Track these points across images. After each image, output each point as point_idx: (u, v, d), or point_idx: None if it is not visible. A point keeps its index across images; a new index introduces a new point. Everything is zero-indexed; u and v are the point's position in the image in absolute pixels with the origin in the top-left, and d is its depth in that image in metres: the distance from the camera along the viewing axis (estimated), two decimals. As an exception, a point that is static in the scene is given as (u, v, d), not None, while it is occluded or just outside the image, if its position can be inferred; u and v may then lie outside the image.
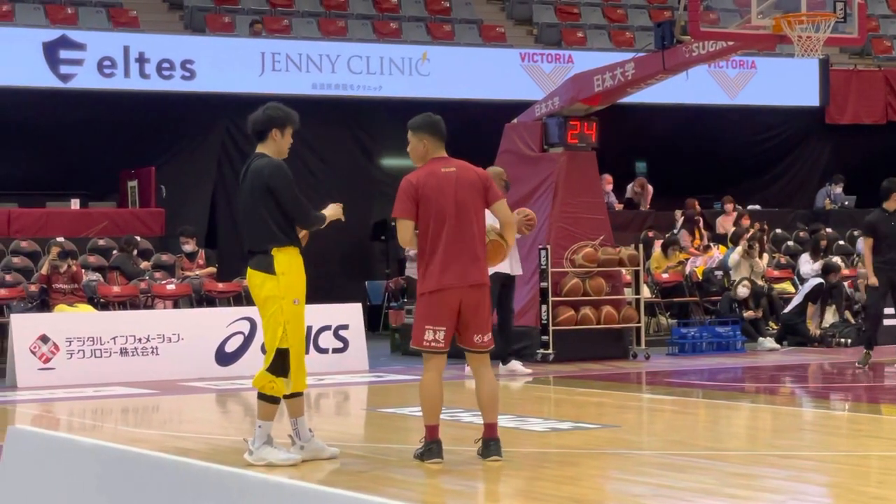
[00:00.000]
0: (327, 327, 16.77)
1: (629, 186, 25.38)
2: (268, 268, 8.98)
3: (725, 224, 23.89)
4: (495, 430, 9.04)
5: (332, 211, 9.33)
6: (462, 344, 9.05)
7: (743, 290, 19.87)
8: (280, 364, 9.00)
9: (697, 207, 24.02)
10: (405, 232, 8.99)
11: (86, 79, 21.99)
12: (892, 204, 15.91)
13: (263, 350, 9.57)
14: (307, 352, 16.26)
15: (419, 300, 9.07)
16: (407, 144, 9.17)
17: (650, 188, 25.33)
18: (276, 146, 9.15)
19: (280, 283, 8.96)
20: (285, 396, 9.15)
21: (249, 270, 9.12)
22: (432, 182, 8.95)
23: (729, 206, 24.25)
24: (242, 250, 9.33)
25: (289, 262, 9.01)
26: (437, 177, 8.97)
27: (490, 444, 9.00)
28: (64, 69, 21.88)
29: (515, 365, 15.86)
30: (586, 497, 8.02)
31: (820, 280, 20.06)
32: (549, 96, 18.57)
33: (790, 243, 23.91)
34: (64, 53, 21.90)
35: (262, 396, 9.07)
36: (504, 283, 15.56)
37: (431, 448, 8.94)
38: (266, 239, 9.00)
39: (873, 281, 15.84)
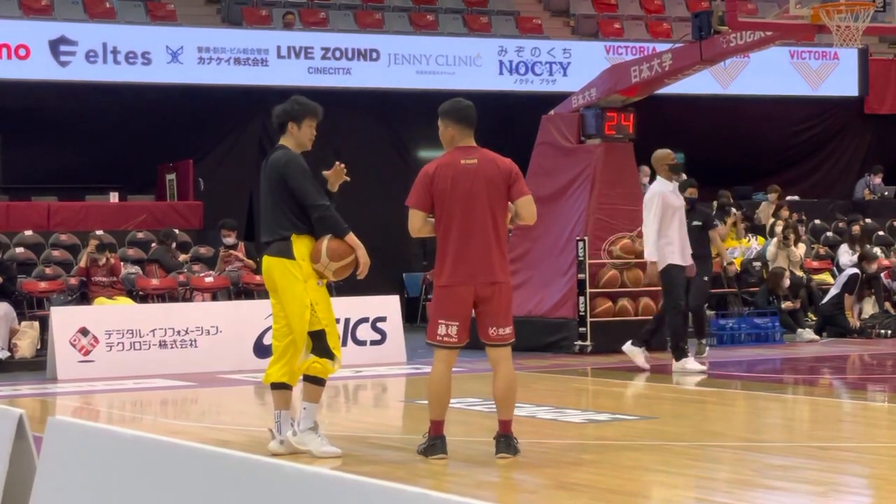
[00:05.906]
0: (365, 319, 16.80)
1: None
2: (287, 253, 8.93)
3: (766, 214, 23.75)
4: (508, 426, 8.87)
5: (361, 250, 9.05)
6: (480, 336, 8.92)
7: (784, 281, 19.74)
8: (320, 346, 8.94)
9: (731, 199, 23.86)
10: (414, 221, 8.88)
11: (124, 72, 22.09)
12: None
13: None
14: (345, 344, 16.56)
15: (434, 293, 9.00)
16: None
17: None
18: (294, 139, 9.14)
19: (301, 267, 8.91)
20: (272, 386, 9.08)
21: (266, 258, 9.04)
22: (448, 174, 8.79)
23: (772, 196, 24.04)
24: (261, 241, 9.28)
25: (307, 250, 8.96)
26: (454, 168, 8.81)
27: (500, 440, 8.85)
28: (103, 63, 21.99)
29: (687, 363, 14.58)
30: (624, 488, 8.01)
31: (856, 270, 19.94)
32: (586, 87, 18.52)
33: (829, 234, 23.77)
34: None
35: (307, 378, 9.02)
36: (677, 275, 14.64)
37: (435, 444, 8.81)
38: (284, 228, 8.95)
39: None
